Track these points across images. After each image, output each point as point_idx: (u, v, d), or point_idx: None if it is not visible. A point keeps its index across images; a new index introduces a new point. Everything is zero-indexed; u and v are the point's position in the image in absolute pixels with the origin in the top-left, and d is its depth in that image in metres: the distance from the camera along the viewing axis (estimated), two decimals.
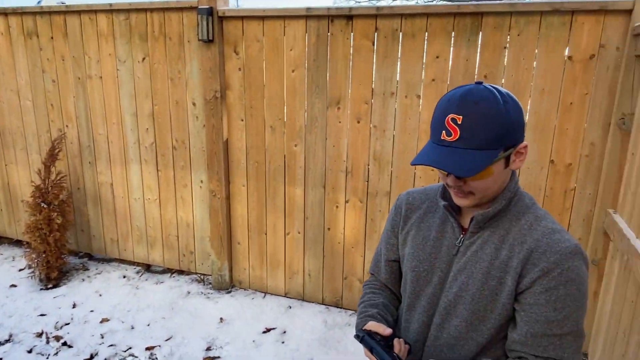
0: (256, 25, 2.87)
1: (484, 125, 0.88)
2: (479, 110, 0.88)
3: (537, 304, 0.94)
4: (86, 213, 3.73)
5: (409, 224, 1.16)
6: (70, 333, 2.83)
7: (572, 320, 0.93)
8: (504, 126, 0.89)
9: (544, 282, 0.93)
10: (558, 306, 0.92)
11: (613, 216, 2.24)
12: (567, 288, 0.92)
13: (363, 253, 3.00)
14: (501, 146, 0.91)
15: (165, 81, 3.18)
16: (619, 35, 2.24)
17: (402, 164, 2.76)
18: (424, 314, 1.08)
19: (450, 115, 0.90)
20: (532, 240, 0.96)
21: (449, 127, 0.90)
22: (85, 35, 3.32)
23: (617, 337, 2.04)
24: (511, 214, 1.01)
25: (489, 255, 1.00)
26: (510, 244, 0.98)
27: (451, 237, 1.06)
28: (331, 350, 2.70)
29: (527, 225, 0.99)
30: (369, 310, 1.16)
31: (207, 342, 2.77)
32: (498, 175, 0.95)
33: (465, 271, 1.02)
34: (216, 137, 3.07)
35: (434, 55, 2.55)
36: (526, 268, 0.95)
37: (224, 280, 3.35)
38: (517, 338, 0.97)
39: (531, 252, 0.95)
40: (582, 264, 0.94)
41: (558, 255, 0.93)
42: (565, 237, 0.96)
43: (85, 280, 3.50)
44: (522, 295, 0.96)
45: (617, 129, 2.27)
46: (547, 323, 0.93)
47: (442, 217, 1.10)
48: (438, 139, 0.92)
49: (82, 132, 3.53)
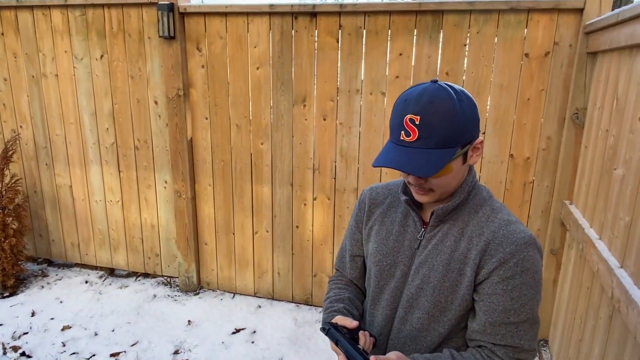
0: (219, 22, 2.82)
1: (441, 125, 0.90)
2: (435, 109, 0.90)
3: (495, 294, 0.96)
4: (44, 217, 3.58)
5: (372, 219, 1.17)
6: (29, 343, 2.71)
7: (528, 308, 0.96)
8: (460, 124, 0.91)
9: (501, 272, 0.96)
10: (515, 295, 0.95)
11: (569, 207, 2.34)
12: (522, 277, 0.95)
13: (332, 249, 3.01)
14: (458, 143, 0.93)
15: (125, 79, 3.09)
16: (572, 33, 2.33)
17: (368, 160, 2.78)
18: (387, 307, 1.10)
19: (408, 115, 0.91)
20: (489, 232, 0.99)
21: (407, 127, 0.91)
22: (38, 31, 3.17)
23: (574, 322, 2.13)
24: (469, 207, 1.04)
25: (449, 248, 1.02)
26: (469, 236, 1.01)
27: (413, 231, 1.08)
28: (302, 348, 2.70)
29: (485, 217, 1.02)
30: (334, 305, 1.17)
31: (175, 345, 2.71)
32: (457, 172, 0.97)
33: (426, 264, 1.03)
34: (180, 136, 3.01)
35: (397, 52, 2.58)
36: (484, 259, 0.98)
37: (192, 282, 3.29)
38: (477, 327, 1.00)
39: (488, 243, 0.98)
40: (536, 254, 0.97)
41: (514, 246, 0.96)
42: (521, 228, 0.99)
43: (44, 287, 3.36)
44: (480, 285, 0.99)
45: (572, 123, 2.37)
46: (504, 312, 0.96)
47: (404, 211, 1.12)
48: (397, 139, 0.94)
49: (38, 132, 3.39)
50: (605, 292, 1.70)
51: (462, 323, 1.04)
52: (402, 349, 1.08)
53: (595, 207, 1.98)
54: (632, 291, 1.42)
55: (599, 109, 2.08)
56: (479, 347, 1.01)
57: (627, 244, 1.56)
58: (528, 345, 0.97)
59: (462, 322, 1.04)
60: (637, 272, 1.45)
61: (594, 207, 2.00)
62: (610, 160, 1.84)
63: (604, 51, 2.06)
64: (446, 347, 1.06)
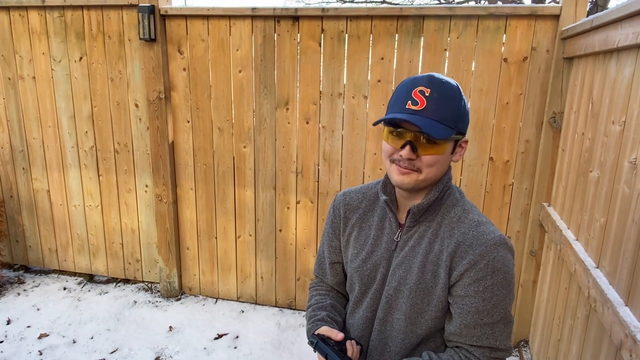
0: (201, 25, 2.80)
1: (447, 102, 0.93)
2: (445, 88, 0.94)
3: (467, 296, 0.97)
4: (21, 222, 3.49)
5: (349, 225, 1.16)
6: (4, 351, 2.63)
7: (500, 308, 0.97)
8: (461, 110, 0.95)
9: (472, 273, 0.96)
10: (486, 296, 0.96)
11: (547, 209, 2.38)
12: (493, 278, 0.96)
13: (315, 253, 3.00)
14: (455, 128, 0.95)
15: (105, 81, 3.04)
16: (549, 39, 2.38)
17: (351, 164, 2.79)
18: (367, 309, 1.10)
19: (419, 87, 0.93)
20: (459, 233, 1.00)
21: (415, 97, 0.93)
22: (15, 33, 3.11)
23: (553, 322, 2.17)
24: (443, 207, 1.05)
25: (424, 250, 1.03)
26: (441, 237, 1.02)
27: (389, 233, 1.09)
28: (285, 353, 2.69)
29: (456, 218, 1.03)
30: (318, 314, 1.16)
31: (156, 352, 2.67)
32: (445, 158, 0.98)
33: (403, 266, 1.04)
34: (161, 139, 2.97)
35: (379, 56, 2.60)
36: (454, 261, 0.99)
37: (173, 287, 3.24)
38: (453, 330, 1.01)
39: (458, 245, 0.99)
40: (507, 253, 0.98)
41: (483, 247, 0.96)
42: (490, 229, 1.00)
43: (21, 294, 3.27)
44: (453, 288, 1.00)
45: (549, 127, 2.42)
46: (477, 313, 0.97)
47: (380, 214, 1.12)
48: (402, 107, 0.94)
49: (14, 136, 3.31)
50: (582, 292, 1.74)
51: (439, 325, 1.05)
52: (383, 350, 1.09)
53: (572, 208, 2.02)
54: (608, 291, 1.45)
55: (575, 112, 2.13)
56: (457, 348, 1.02)
57: (602, 244, 1.60)
58: (503, 345, 0.98)
59: (440, 324, 1.05)
60: (612, 272, 1.48)
61: (571, 208, 2.05)
62: (586, 163, 1.88)
63: (579, 56, 2.11)
64: (425, 347, 1.07)
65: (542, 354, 2.33)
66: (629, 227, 1.38)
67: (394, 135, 0.97)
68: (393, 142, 0.97)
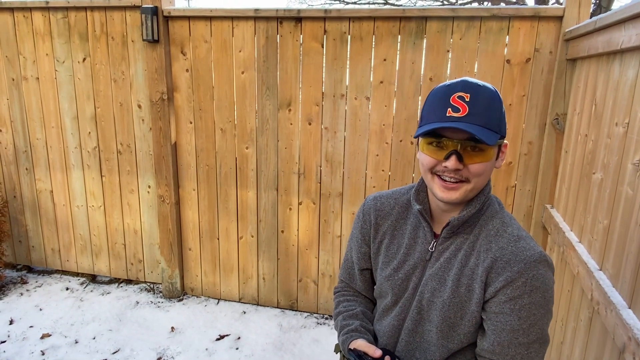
0: (203, 26, 2.81)
1: (489, 105, 0.89)
2: (484, 91, 0.90)
3: (502, 313, 0.93)
4: (24, 223, 3.50)
5: (380, 232, 1.12)
6: (6, 351, 2.64)
7: (537, 327, 0.92)
8: (501, 112, 0.92)
9: (508, 291, 0.92)
10: (523, 315, 0.91)
11: (550, 211, 2.37)
12: (531, 297, 0.91)
13: (317, 254, 3.00)
14: (499, 132, 0.91)
15: (108, 82, 3.05)
16: (552, 40, 2.37)
17: (353, 165, 2.79)
18: (395, 317, 1.07)
19: (457, 93, 0.88)
20: (497, 248, 0.95)
21: (455, 104, 0.88)
22: (19, 34, 3.12)
23: (556, 325, 2.16)
24: (482, 219, 1.00)
25: (459, 262, 0.99)
26: (478, 250, 0.98)
27: (423, 243, 1.05)
28: (286, 354, 2.68)
29: (494, 231, 0.98)
30: (350, 323, 1.12)
31: (158, 352, 2.67)
32: (491, 165, 0.94)
33: (437, 277, 1.01)
34: (164, 140, 2.98)
35: (382, 57, 2.60)
36: (490, 277, 0.94)
37: (175, 288, 3.24)
38: (486, 346, 0.97)
39: (495, 260, 0.94)
40: (547, 271, 0.93)
41: (522, 264, 0.92)
42: (530, 244, 0.95)
43: (23, 294, 3.28)
44: (487, 304, 0.95)
45: (552, 129, 2.41)
46: (512, 332, 0.92)
47: (414, 222, 1.08)
48: (443, 116, 0.88)
49: (18, 136, 3.32)
50: (585, 294, 1.73)
51: (472, 339, 1.01)
52: None
53: (575, 210, 2.01)
54: (611, 293, 1.44)
55: (578, 114, 2.12)
56: None
57: (605, 246, 1.59)
58: None
59: (472, 339, 1.01)
60: (616, 274, 1.47)
61: (574, 210, 2.04)
62: (589, 165, 1.87)
63: (582, 58, 2.10)
64: None
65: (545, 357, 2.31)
66: (633, 229, 1.37)
67: (433, 146, 0.92)
68: (434, 154, 0.92)
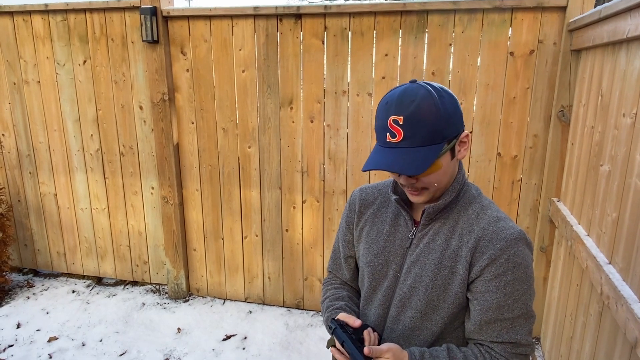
0: (203, 25, 2.79)
1: (424, 122, 0.91)
2: (417, 108, 0.91)
3: (488, 291, 0.97)
4: (29, 227, 3.51)
5: (363, 219, 1.17)
6: (14, 355, 2.64)
7: (521, 302, 0.97)
8: (443, 119, 0.92)
9: (493, 269, 0.96)
10: (507, 291, 0.96)
11: (557, 204, 2.34)
12: (514, 273, 0.96)
13: (322, 252, 2.99)
14: (444, 139, 0.93)
15: (109, 84, 3.04)
16: (556, 31, 2.34)
17: (357, 162, 2.77)
18: (379, 306, 1.10)
19: (392, 117, 0.92)
20: (479, 229, 1.00)
21: (392, 129, 0.92)
22: (19, 37, 3.12)
23: (565, 320, 2.13)
24: (460, 204, 1.04)
25: (440, 246, 1.03)
26: (460, 233, 1.02)
27: (404, 230, 1.09)
28: (293, 353, 2.67)
29: (474, 214, 1.03)
30: (335, 303, 1.17)
31: (165, 354, 2.66)
32: (446, 167, 0.98)
33: (418, 263, 1.04)
34: (166, 141, 2.97)
35: (383, 53, 2.57)
36: (475, 256, 0.99)
37: (181, 289, 3.24)
38: (472, 327, 1.01)
39: (478, 240, 0.99)
40: (525, 249, 0.98)
41: (504, 242, 0.97)
42: (510, 224, 1.00)
43: (30, 297, 3.29)
44: (473, 284, 0.99)
45: (558, 121, 2.38)
46: (498, 308, 0.96)
47: (395, 211, 1.12)
48: (384, 141, 0.95)
49: (21, 140, 3.32)
50: (594, 288, 1.70)
51: (455, 321, 1.04)
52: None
53: (583, 203, 1.98)
54: (621, 287, 1.41)
55: (584, 105, 2.09)
56: (480, 345, 1.01)
57: (615, 239, 1.56)
58: (525, 339, 0.97)
59: (456, 321, 1.04)
60: (626, 268, 1.45)
61: (581, 203, 2.01)
62: (596, 157, 1.84)
63: (587, 48, 2.07)
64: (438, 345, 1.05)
65: (555, 352, 2.29)
66: None
67: None
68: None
